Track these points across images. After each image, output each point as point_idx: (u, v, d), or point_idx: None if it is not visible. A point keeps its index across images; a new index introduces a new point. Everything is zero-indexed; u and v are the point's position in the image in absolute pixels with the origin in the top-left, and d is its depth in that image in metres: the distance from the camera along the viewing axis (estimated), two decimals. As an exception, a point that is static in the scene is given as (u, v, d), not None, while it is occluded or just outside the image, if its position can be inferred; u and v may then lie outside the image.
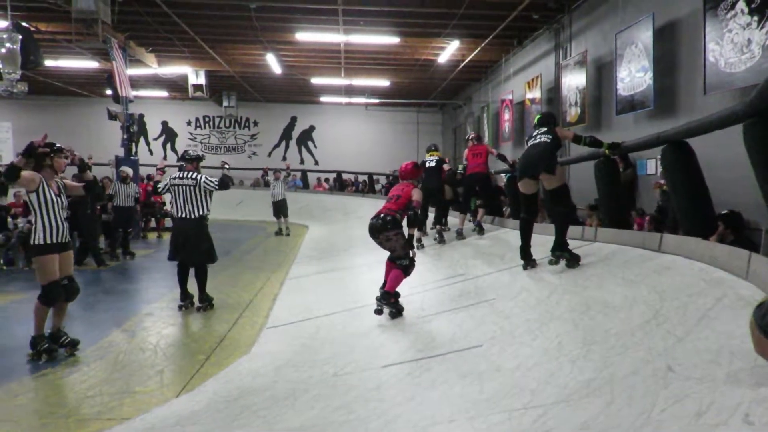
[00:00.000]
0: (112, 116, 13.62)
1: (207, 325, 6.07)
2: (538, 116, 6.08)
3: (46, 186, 4.92)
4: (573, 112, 11.43)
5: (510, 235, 7.82)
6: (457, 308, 5.14)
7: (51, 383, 4.33)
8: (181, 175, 6.60)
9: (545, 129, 5.63)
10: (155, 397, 4.01)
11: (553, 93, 12.79)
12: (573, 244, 5.60)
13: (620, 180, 7.70)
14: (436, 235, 9.18)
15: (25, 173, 4.77)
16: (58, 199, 4.99)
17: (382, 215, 5.50)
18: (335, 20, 12.73)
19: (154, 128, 24.35)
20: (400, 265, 5.39)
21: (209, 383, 4.24)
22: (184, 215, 6.54)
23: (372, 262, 8.00)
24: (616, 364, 2.91)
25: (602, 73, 10.70)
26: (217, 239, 6.91)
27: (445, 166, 9.39)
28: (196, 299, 6.71)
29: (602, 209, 7.19)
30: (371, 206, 8.72)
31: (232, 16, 12.85)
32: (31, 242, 4.93)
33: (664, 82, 8.53)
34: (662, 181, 7.40)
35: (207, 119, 24.88)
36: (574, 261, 5.25)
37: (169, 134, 24.66)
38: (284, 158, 23.98)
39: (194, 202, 6.53)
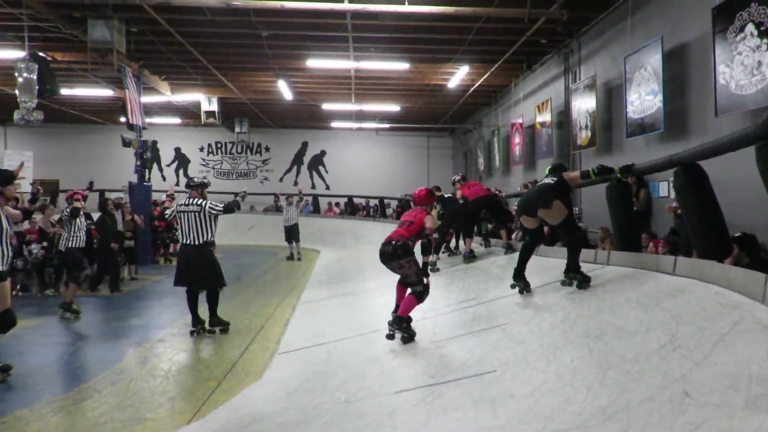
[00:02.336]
0: (126, 143, 13.79)
1: (218, 350, 6.06)
2: (549, 167, 6.14)
3: (2, 214, 4.98)
4: (583, 135, 11.43)
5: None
6: (470, 333, 5.09)
7: (63, 410, 4.33)
8: (186, 202, 6.70)
9: (551, 175, 5.81)
10: (166, 424, 4.00)
11: (563, 116, 12.82)
12: (586, 268, 5.59)
13: (632, 202, 7.65)
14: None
15: None
16: (8, 227, 5.03)
17: (393, 242, 5.42)
18: (345, 47, 12.89)
19: (167, 154, 24.59)
20: (414, 291, 5.35)
21: (220, 410, 4.22)
22: (188, 241, 6.63)
23: (383, 287, 7.98)
24: (632, 389, 2.87)
25: (612, 96, 10.72)
26: (228, 264, 6.94)
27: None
28: (207, 324, 6.72)
29: (615, 232, 7.15)
30: (382, 230, 8.71)
31: (243, 44, 13.06)
32: None
33: (674, 104, 8.52)
34: (675, 204, 7.36)
35: (219, 145, 25.13)
36: (585, 282, 5.36)
37: (181, 160, 24.91)
38: (296, 183, 24.16)
39: (198, 229, 6.59)
